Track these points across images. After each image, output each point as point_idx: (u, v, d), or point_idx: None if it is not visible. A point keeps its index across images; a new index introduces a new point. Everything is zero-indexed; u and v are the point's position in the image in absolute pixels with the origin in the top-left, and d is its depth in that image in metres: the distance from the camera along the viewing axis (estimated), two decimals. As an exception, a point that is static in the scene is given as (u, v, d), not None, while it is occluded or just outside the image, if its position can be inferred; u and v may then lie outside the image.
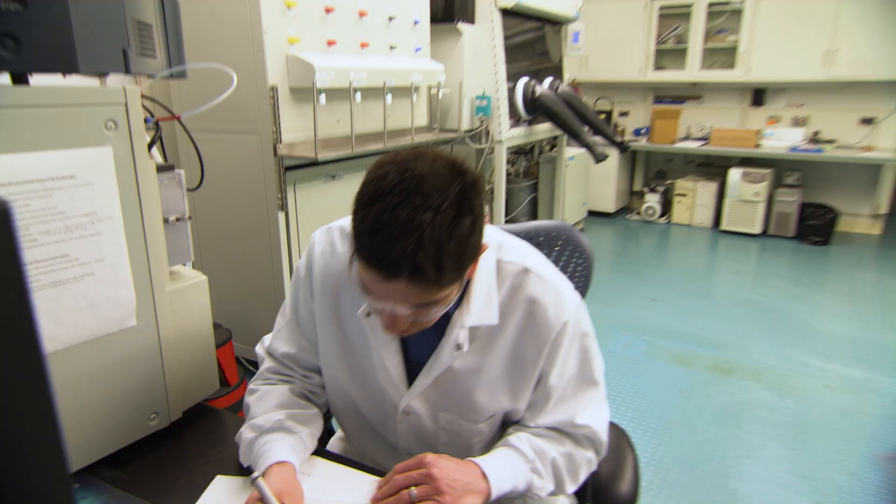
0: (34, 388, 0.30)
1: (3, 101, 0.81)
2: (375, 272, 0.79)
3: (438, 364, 0.97)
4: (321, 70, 2.39)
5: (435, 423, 1.04)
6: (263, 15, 2.26)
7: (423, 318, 0.86)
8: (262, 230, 2.57)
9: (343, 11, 2.62)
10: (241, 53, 2.33)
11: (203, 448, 1.08)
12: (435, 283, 0.79)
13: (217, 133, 2.51)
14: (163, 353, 1.06)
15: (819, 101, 5.48)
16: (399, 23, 2.94)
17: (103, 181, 0.93)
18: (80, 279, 0.92)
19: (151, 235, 1.01)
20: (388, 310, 0.84)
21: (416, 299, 0.81)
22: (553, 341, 0.97)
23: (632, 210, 6.41)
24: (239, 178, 2.56)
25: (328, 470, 1.01)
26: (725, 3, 5.45)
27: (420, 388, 1.00)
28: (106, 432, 1.00)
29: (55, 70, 0.86)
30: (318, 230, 1.07)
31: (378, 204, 0.76)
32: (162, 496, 0.94)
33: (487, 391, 1.00)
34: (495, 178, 3.91)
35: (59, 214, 0.88)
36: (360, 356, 1.04)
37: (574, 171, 5.29)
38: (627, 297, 4.12)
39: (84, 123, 0.90)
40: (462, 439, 1.04)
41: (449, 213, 0.76)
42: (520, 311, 0.97)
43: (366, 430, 1.13)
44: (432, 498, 0.87)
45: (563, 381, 1.01)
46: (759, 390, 2.92)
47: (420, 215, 0.74)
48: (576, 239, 1.37)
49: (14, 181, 0.82)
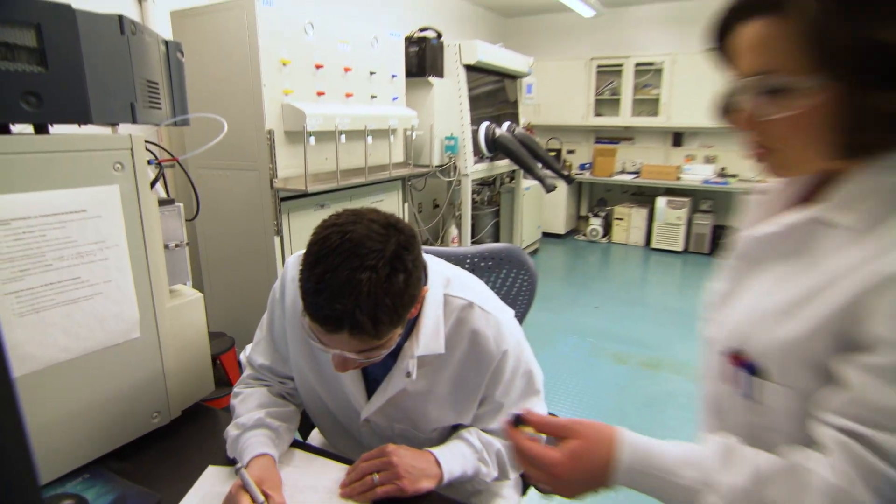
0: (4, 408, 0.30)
1: (26, 147, 0.81)
2: (319, 326, 0.77)
3: (391, 387, 0.96)
4: (311, 116, 2.40)
5: (392, 430, 1.03)
6: (262, 71, 2.27)
7: (370, 359, 0.84)
8: (260, 252, 2.56)
9: (331, 68, 2.64)
10: (243, 103, 2.34)
11: (199, 442, 1.06)
12: (374, 336, 0.78)
13: (223, 170, 2.50)
14: (163, 360, 1.05)
15: (724, 143, 5.64)
16: (379, 77, 2.97)
17: (111, 214, 0.92)
18: (90, 298, 0.91)
19: (153, 259, 1.01)
20: (337, 354, 0.82)
21: (359, 347, 0.80)
22: (494, 368, 0.96)
23: (579, 232, 6.47)
24: (241, 208, 2.55)
25: (303, 459, 1.00)
26: (650, 64, 5.61)
27: (376, 405, 0.98)
28: (113, 429, 0.99)
29: (71, 121, 0.86)
30: (292, 256, 1.05)
31: (321, 266, 0.75)
32: (162, 484, 0.93)
33: (436, 409, 0.99)
34: (463, 206, 3.94)
35: (72, 243, 0.87)
36: (329, 369, 1.00)
37: (530, 199, 5.35)
38: (575, 306, 4.16)
39: (95, 165, 0.90)
40: (416, 444, 1.01)
41: (384, 271, 0.74)
42: (464, 341, 0.95)
43: (337, 428, 1.12)
44: (392, 482, 0.87)
45: (510, 398, 1.01)
46: (681, 381, 2.97)
47: (357, 275, 0.73)
48: (522, 259, 1.39)
49: (33, 215, 0.81)
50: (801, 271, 0.61)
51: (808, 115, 0.57)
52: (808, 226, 0.62)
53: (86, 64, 0.84)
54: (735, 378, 0.67)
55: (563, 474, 0.64)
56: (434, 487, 0.91)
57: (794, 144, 0.60)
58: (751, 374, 0.64)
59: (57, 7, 0.79)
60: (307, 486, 0.91)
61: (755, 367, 0.63)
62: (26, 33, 0.76)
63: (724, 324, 0.71)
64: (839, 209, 0.59)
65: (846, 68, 0.53)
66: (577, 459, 0.64)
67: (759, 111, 0.59)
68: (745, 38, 0.59)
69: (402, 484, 0.87)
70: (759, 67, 0.58)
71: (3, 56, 0.74)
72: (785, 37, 0.55)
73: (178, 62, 1.16)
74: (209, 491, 0.91)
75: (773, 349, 0.61)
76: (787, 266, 0.64)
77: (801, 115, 0.57)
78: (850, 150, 0.57)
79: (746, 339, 0.65)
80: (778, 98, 0.57)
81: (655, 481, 0.62)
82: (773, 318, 0.61)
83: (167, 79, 1.13)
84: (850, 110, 0.55)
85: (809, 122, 0.57)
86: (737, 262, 0.74)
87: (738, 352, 0.66)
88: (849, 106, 0.54)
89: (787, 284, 0.62)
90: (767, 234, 0.67)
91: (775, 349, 0.61)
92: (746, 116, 0.62)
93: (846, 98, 0.54)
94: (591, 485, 0.65)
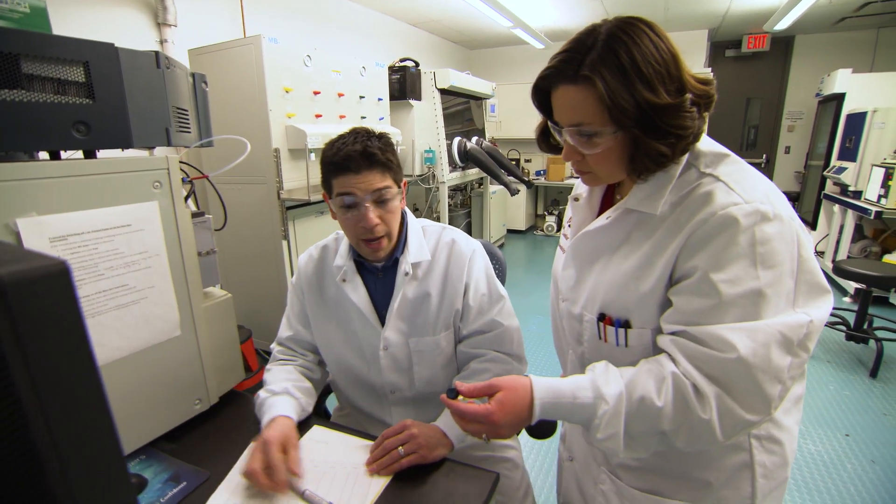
0: (92, 398, 0.28)
1: (77, 171, 0.77)
2: (345, 172, 0.93)
3: (396, 290, 1.03)
4: (311, 135, 2.36)
5: (407, 349, 1.05)
6: (269, 98, 2.22)
7: (385, 206, 0.96)
8: (270, 254, 2.51)
9: (326, 94, 2.59)
10: (253, 126, 2.28)
11: (236, 424, 1.04)
12: (385, 166, 0.94)
13: (237, 184, 2.44)
14: (201, 353, 1.02)
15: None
16: (367, 101, 2.93)
17: (152, 227, 0.90)
18: (137, 302, 0.88)
19: (189, 266, 0.98)
20: (363, 210, 0.93)
21: (377, 183, 0.93)
22: (468, 262, 1.05)
23: (537, 228, 6.54)
24: (253, 217, 2.49)
25: (329, 436, 0.99)
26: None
27: (391, 318, 1.03)
28: (162, 415, 0.96)
29: (115, 147, 0.83)
30: (303, 254, 1.15)
31: (338, 141, 0.95)
32: (208, 461, 0.91)
33: (435, 308, 1.04)
34: (440, 209, 3.94)
35: (120, 254, 0.84)
36: (344, 323, 1.07)
37: (496, 201, 5.38)
38: (538, 290, 4.21)
39: (137, 184, 0.87)
40: (427, 359, 1.05)
41: (385, 139, 0.97)
42: (445, 249, 1.06)
43: (356, 382, 1.11)
44: (416, 451, 0.87)
45: (478, 299, 1.05)
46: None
47: (366, 135, 0.95)
48: (493, 251, 1.43)
49: (86, 230, 0.78)
50: (637, 247, 0.73)
51: (609, 151, 0.69)
52: (623, 215, 0.75)
53: (127, 95, 0.81)
54: (607, 334, 0.77)
55: (497, 420, 0.70)
56: (447, 454, 0.91)
57: (603, 168, 0.72)
58: (619, 327, 0.75)
59: (102, 45, 0.76)
60: (335, 462, 0.90)
61: (621, 322, 0.75)
62: (76, 70, 0.73)
63: (589, 299, 0.79)
64: (644, 203, 0.72)
65: (629, 122, 0.65)
66: (505, 405, 0.70)
67: (578, 148, 0.71)
68: (561, 99, 0.69)
69: (423, 453, 0.87)
70: (575, 120, 0.68)
71: (57, 90, 0.71)
72: (591, 100, 0.66)
73: (203, 91, 1.12)
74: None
75: (634, 303, 0.73)
76: (626, 247, 0.75)
77: (604, 152, 0.69)
78: (636, 172, 0.71)
79: (611, 304, 0.76)
80: (589, 140, 0.69)
81: (564, 407, 0.70)
82: (631, 282, 0.73)
83: (194, 106, 1.10)
84: (634, 149, 0.68)
85: (610, 155, 0.70)
86: (577, 254, 0.83)
87: (605, 315, 0.77)
88: (633, 146, 0.67)
89: (631, 257, 0.73)
90: (598, 228, 0.79)
91: (636, 302, 0.72)
92: (569, 150, 0.73)
93: (632, 141, 0.67)
94: (520, 422, 0.71)
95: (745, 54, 5.77)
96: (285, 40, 2.30)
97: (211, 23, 2.82)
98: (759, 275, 0.62)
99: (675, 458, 0.77)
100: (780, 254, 0.63)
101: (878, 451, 2.05)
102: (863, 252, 3.80)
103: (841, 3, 4.23)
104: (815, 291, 0.66)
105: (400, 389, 1.08)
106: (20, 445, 0.24)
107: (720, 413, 0.63)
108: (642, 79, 0.62)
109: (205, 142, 1.13)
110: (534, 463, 2.05)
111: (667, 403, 0.65)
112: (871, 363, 2.67)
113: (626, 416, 0.67)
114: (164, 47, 2.53)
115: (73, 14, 2.20)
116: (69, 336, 0.25)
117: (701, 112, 0.67)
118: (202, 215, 1.08)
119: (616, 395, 0.67)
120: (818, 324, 0.65)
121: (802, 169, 5.76)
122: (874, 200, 3.43)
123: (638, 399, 0.66)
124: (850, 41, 5.31)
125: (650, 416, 0.66)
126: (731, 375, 0.63)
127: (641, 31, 0.65)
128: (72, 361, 0.25)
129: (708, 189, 0.67)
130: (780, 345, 0.63)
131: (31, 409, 0.24)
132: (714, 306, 0.64)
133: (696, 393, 0.64)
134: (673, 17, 4.81)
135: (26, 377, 0.23)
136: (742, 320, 0.63)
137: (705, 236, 0.65)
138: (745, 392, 0.63)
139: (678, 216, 0.69)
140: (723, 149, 0.72)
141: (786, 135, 5.86)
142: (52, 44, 0.72)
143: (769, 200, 0.64)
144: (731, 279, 0.63)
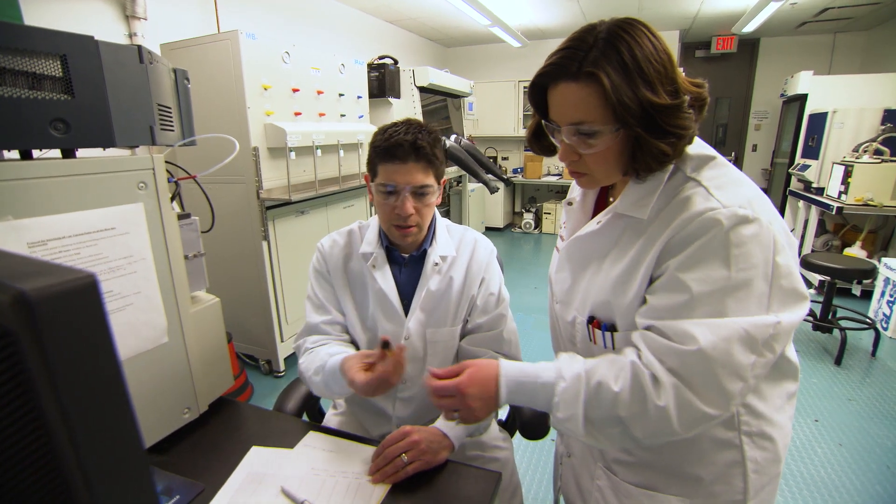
0: (122, 420, 0.26)
1: (55, 172, 0.73)
2: (391, 160, 0.95)
3: (423, 280, 1.06)
4: (291, 134, 2.31)
5: (423, 340, 1.07)
6: (247, 95, 2.16)
7: (423, 200, 0.99)
8: (250, 255, 2.44)
9: (305, 91, 2.54)
10: (231, 123, 2.21)
11: (227, 432, 1.00)
12: (430, 163, 0.97)
13: (215, 184, 2.36)
14: (189, 361, 0.98)
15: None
16: (347, 98, 2.89)
17: (137, 230, 0.85)
18: (122, 309, 0.83)
19: (176, 270, 0.94)
20: (403, 193, 0.96)
21: (420, 179, 0.97)
22: (488, 262, 1.11)
23: (515, 225, 6.58)
24: (232, 217, 2.42)
25: (332, 444, 0.95)
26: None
27: (415, 306, 1.05)
28: (150, 426, 0.92)
29: (97, 146, 0.79)
30: (324, 238, 1.15)
31: (390, 128, 0.97)
32: (199, 473, 0.87)
33: (455, 301, 1.08)
34: (421, 208, 3.92)
35: (104, 258, 0.80)
36: (362, 309, 1.09)
37: (474, 199, 5.39)
38: (518, 287, 4.22)
39: (120, 185, 0.82)
40: (441, 350, 1.08)
41: (434, 135, 0.99)
42: (468, 247, 1.11)
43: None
44: (420, 458, 0.85)
45: (486, 297, 1.10)
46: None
47: (414, 131, 0.96)
48: None
49: (68, 234, 0.74)
50: (624, 252, 0.74)
51: (608, 151, 0.69)
52: (613, 220, 0.76)
53: (109, 91, 0.77)
54: (596, 337, 0.79)
55: (465, 390, 0.73)
56: (449, 455, 0.90)
57: (600, 168, 0.72)
58: (605, 331, 0.77)
59: (81, 38, 0.71)
60: (336, 471, 0.87)
61: (608, 326, 0.77)
62: (53, 63, 0.68)
63: (582, 302, 0.81)
64: (633, 208, 0.72)
65: (632, 120, 0.64)
66: (472, 377, 0.74)
67: (575, 148, 0.71)
68: (561, 96, 0.68)
69: (428, 458, 0.85)
70: (575, 118, 0.67)
71: (32, 86, 0.66)
72: (592, 98, 0.65)
73: (185, 88, 1.08)
74: (251, 471, 0.86)
75: (620, 308, 0.74)
76: (615, 251, 0.76)
77: (603, 151, 0.69)
78: (634, 172, 0.70)
79: (599, 308, 0.77)
80: (588, 139, 0.68)
81: (528, 385, 0.72)
82: (618, 287, 0.74)
83: (177, 103, 1.05)
84: (634, 148, 0.67)
85: (608, 155, 0.69)
86: (570, 258, 0.84)
87: (594, 318, 0.78)
88: (634, 145, 0.67)
89: (618, 264, 0.74)
90: (590, 233, 0.79)
91: (621, 307, 0.73)
92: (565, 150, 0.72)
93: (632, 140, 0.67)
94: (488, 396, 0.73)
95: (714, 55, 5.95)
96: (263, 36, 2.24)
97: (182, 16, 2.72)
98: (731, 276, 0.63)
99: (667, 453, 0.78)
100: (754, 257, 0.63)
101: (844, 435, 2.15)
102: (825, 246, 3.98)
103: (802, 7, 4.41)
104: (790, 297, 0.66)
105: (411, 380, 1.09)
106: (48, 472, 0.22)
107: (678, 404, 0.64)
108: (644, 77, 0.62)
109: (188, 141, 1.09)
110: (529, 463, 2.06)
111: (623, 389, 0.67)
112: (836, 351, 2.80)
113: (585, 399, 0.69)
114: (134, 41, 2.42)
115: (34, 3, 2.08)
116: (98, 355, 0.23)
117: (696, 114, 0.68)
118: (188, 217, 1.04)
119: (574, 375, 0.70)
120: (787, 326, 0.65)
121: (769, 166, 5.99)
122: (835, 196, 3.59)
123: (595, 384, 0.69)
124: (811, 44, 5.55)
125: (607, 401, 0.68)
126: (690, 368, 0.64)
127: (641, 30, 0.65)
128: (101, 382, 0.23)
129: (688, 194, 0.68)
130: (743, 342, 0.63)
131: (57, 432, 0.22)
132: (683, 303, 0.65)
133: (654, 381, 0.66)
134: (646, 17, 4.85)
135: (53, 400, 0.21)
136: (709, 318, 0.64)
137: (683, 240, 0.66)
138: (704, 385, 0.64)
139: (660, 221, 0.70)
140: (710, 151, 0.73)
141: (753, 133, 6.08)
142: (26, 35, 0.67)
143: (749, 205, 0.65)
144: (702, 278, 0.64)
